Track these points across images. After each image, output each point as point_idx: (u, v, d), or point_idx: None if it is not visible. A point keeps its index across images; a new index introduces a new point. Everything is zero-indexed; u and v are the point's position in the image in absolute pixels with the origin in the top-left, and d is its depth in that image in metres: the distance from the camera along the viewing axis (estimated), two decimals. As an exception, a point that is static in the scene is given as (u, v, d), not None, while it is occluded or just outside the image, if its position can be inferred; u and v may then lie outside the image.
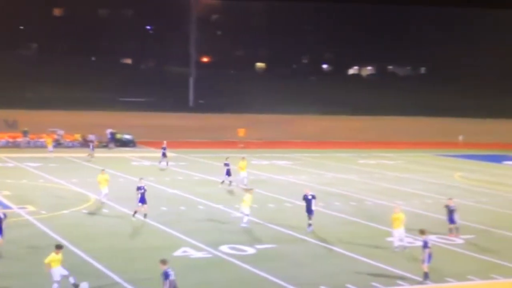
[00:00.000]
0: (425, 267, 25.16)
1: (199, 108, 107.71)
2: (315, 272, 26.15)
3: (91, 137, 67.56)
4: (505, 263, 28.06)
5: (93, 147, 61.38)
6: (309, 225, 32.61)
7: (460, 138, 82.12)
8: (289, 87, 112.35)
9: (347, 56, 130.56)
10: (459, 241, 31.71)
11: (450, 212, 32.68)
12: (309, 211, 32.74)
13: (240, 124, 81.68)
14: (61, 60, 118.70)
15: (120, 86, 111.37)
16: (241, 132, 76.02)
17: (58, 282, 22.60)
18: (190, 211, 37.14)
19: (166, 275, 20.57)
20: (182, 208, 37.91)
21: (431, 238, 31.69)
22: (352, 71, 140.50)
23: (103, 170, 39.67)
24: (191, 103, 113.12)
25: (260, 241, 29.72)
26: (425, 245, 25.30)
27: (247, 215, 33.15)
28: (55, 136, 69.39)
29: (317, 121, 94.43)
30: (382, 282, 25.04)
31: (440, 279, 25.58)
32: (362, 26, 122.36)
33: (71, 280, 22.86)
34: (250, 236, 31.32)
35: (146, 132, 77.13)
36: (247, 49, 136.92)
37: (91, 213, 36.11)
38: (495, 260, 28.54)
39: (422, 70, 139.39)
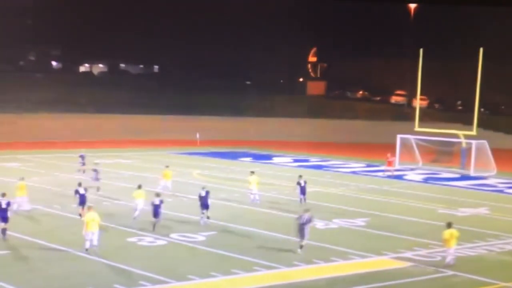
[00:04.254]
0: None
1: None
2: (52, 275, 25.14)
3: None
4: (245, 257, 28.49)
5: None
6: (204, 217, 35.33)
7: (197, 136, 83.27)
8: (14, 84, 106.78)
9: (77, 53, 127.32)
10: (200, 238, 31.69)
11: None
12: (205, 205, 35.38)
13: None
14: None
15: None
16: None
17: None
18: None
19: None
20: None
21: (174, 237, 31.59)
22: (83, 68, 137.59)
23: (22, 178, 37.66)
24: None
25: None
26: None
27: None
28: None
29: (46, 120, 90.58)
30: (124, 283, 24.46)
31: (183, 277, 25.37)
32: (91, 23, 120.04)
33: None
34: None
35: None
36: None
37: None
38: (235, 255, 28.88)
39: (155, 68, 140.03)
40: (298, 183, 41.98)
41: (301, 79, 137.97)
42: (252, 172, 43.45)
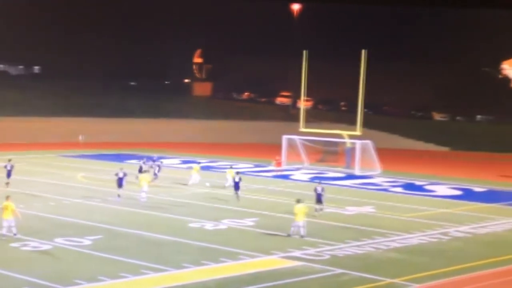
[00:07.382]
0: None
1: None
2: None
3: None
4: (133, 261, 27.96)
5: None
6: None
7: (80, 138, 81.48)
8: None
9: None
10: (86, 242, 30.91)
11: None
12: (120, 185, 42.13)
13: None
14: None
15: None
16: None
17: None
18: None
19: None
20: None
21: (59, 241, 30.68)
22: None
23: None
24: None
25: None
26: None
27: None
28: None
29: None
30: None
31: (69, 282, 24.64)
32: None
33: None
34: None
35: None
36: None
37: None
38: (123, 259, 28.31)
39: (36, 69, 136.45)
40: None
41: (187, 80, 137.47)
42: (146, 171, 45.35)
